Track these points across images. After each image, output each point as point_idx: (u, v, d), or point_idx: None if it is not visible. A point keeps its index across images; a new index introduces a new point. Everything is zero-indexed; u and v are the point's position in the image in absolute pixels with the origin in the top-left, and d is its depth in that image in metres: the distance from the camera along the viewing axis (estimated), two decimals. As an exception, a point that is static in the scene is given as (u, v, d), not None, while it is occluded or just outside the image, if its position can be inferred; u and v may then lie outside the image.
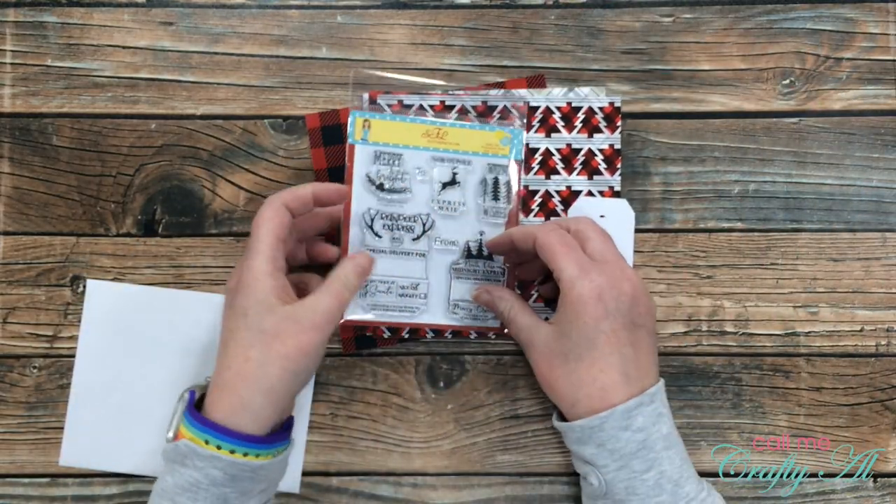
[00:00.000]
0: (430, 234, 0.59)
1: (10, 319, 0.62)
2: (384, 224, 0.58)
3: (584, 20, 0.63)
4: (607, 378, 0.52)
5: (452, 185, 0.59)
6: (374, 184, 0.58)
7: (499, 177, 0.60)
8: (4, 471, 0.61)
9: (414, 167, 0.59)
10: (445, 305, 0.59)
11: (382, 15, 0.63)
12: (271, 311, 0.50)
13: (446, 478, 0.61)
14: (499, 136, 0.60)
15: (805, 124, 0.62)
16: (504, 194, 0.60)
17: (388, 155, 0.59)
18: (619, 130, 0.61)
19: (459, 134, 0.59)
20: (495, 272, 0.60)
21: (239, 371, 0.50)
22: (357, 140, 0.58)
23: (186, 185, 0.62)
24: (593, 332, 0.51)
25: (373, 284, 0.58)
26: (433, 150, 0.59)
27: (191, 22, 0.63)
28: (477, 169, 0.60)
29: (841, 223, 0.62)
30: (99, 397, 0.61)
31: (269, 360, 0.49)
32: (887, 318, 0.61)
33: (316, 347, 0.50)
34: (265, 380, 0.49)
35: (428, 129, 0.59)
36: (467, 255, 0.59)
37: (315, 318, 0.50)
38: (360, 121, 0.58)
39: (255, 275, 0.50)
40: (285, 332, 0.49)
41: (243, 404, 0.49)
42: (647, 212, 0.62)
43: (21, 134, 0.62)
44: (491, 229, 0.60)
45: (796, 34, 0.63)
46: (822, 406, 0.61)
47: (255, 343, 0.50)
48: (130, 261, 0.62)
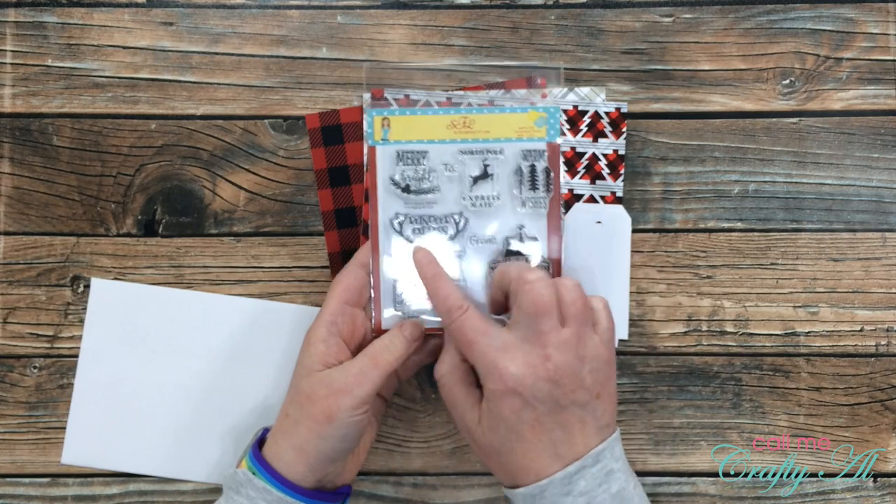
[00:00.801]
0: (464, 233, 0.56)
1: (10, 319, 0.62)
2: (414, 228, 0.56)
3: (584, 20, 0.63)
4: (540, 464, 0.49)
5: (484, 179, 0.56)
6: (399, 187, 0.56)
7: (535, 164, 0.56)
8: (5, 471, 0.61)
9: (441, 164, 0.55)
10: (485, 307, 0.56)
11: (382, 15, 0.63)
12: (310, 375, 0.52)
13: (446, 478, 0.61)
14: (532, 118, 0.55)
15: (805, 124, 0.62)
16: (543, 182, 0.56)
17: (411, 154, 0.55)
18: (623, 136, 0.61)
19: (488, 120, 0.56)
20: (539, 268, 0.56)
21: (280, 424, 0.53)
22: (377, 141, 0.55)
23: (186, 185, 0.62)
24: (517, 424, 0.48)
25: (407, 292, 0.56)
26: (460, 141, 0.56)
27: (191, 22, 0.63)
28: (510, 158, 0.56)
29: (841, 223, 0.62)
30: (102, 396, 0.61)
31: (300, 420, 0.52)
32: (887, 318, 0.61)
33: (344, 411, 0.50)
34: (296, 437, 0.52)
35: (453, 118, 0.56)
36: (507, 251, 0.56)
37: (346, 381, 0.51)
38: (379, 119, 0.55)
39: (311, 339, 0.53)
40: (316, 395, 0.51)
41: (279, 455, 0.52)
42: (647, 212, 0.62)
43: (21, 134, 0.62)
44: (531, 222, 0.56)
45: (796, 34, 0.63)
46: (822, 406, 0.61)
47: (293, 401, 0.53)
48: (131, 261, 0.62)
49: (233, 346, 0.61)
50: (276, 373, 0.61)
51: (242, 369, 0.61)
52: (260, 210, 0.62)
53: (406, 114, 0.56)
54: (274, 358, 0.61)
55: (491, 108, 0.56)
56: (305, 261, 0.62)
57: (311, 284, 0.62)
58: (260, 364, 0.61)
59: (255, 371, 0.61)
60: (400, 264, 0.56)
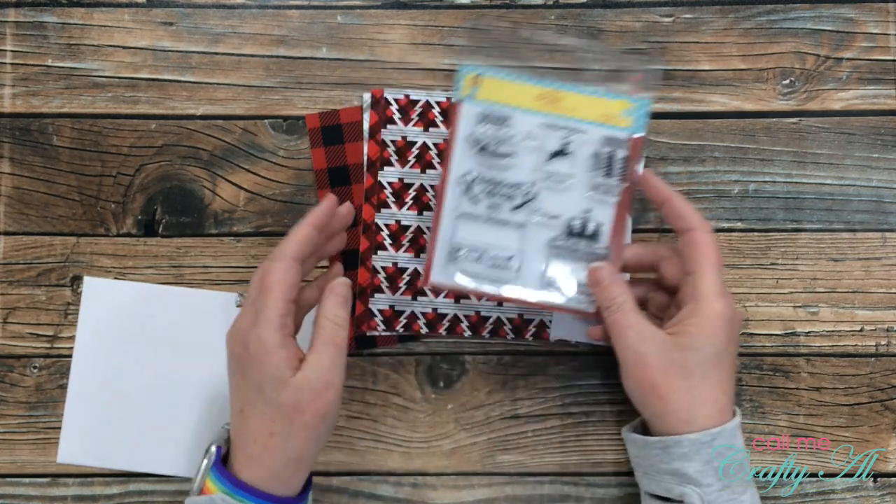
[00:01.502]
0: (531, 205, 0.55)
1: (10, 319, 0.62)
2: (483, 189, 0.55)
3: (584, 20, 0.63)
4: (726, 399, 0.51)
5: (562, 156, 0.55)
6: (478, 145, 0.55)
7: (615, 152, 0.55)
8: (4, 471, 0.61)
9: (522, 131, 0.55)
10: (538, 282, 0.55)
11: (382, 15, 0.63)
12: (285, 385, 0.48)
13: (446, 478, 0.61)
14: (621, 107, 0.55)
15: (805, 124, 0.62)
16: (619, 170, 0.55)
17: (496, 116, 0.55)
18: None
19: (577, 99, 0.55)
20: (598, 255, 0.55)
21: (266, 445, 0.49)
22: (464, 96, 0.55)
23: (186, 185, 0.62)
24: (724, 352, 0.51)
25: (464, 252, 0.55)
26: (545, 114, 0.55)
27: (191, 22, 0.63)
28: (592, 140, 0.55)
29: (841, 223, 0.62)
30: (96, 394, 0.61)
31: (292, 433, 0.49)
32: (887, 318, 0.61)
33: (333, 405, 0.50)
34: (292, 451, 0.49)
35: (543, 91, 0.55)
36: (569, 232, 0.55)
37: (325, 377, 0.49)
38: (471, 77, 0.54)
39: (267, 348, 0.49)
40: (304, 403, 0.49)
41: (273, 475, 0.50)
42: (647, 212, 0.62)
43: (21, 134, 0.62)
44: (599, 207, 0.55)
45: (796, 34, 0.63)
46: (822, 406, 0.61)
47: (276, 418, 0.49)
48: (131, 261, 0.62)
49: (233, 346, 0.61)
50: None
51: (242, 369, 0.61)
52: (260, 210, 0.62)
53: (499, 77, 0.55)
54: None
55: (582, 88, 0.55)
56: (305, 261, 0.62)
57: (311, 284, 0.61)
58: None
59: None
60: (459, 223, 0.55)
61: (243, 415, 0.50)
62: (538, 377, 0.61)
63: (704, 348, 0.50)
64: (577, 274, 0.55)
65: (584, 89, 0.55)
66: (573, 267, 0.55)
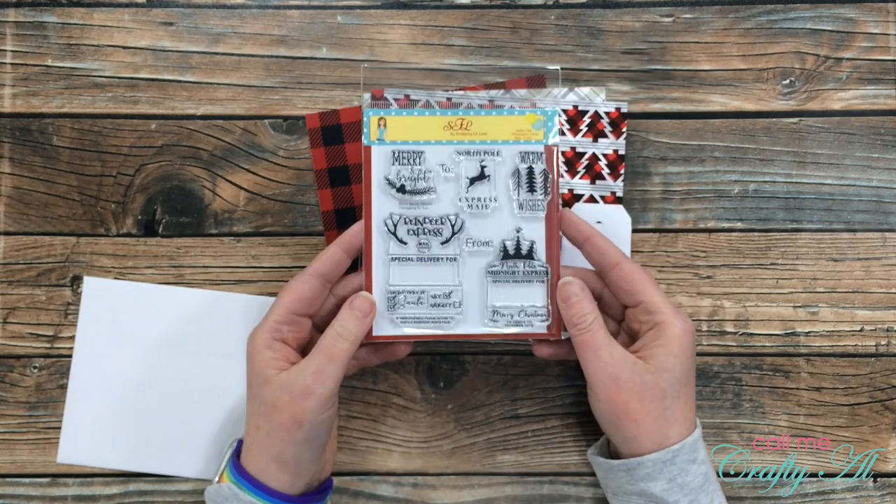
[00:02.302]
0: (459, 235, 0.55)
1: (10, 319, 0.62)
2: (409, 229, 0.54)
3: (584, 20, 0.63)
4: (692, 414, 0.52)
5: (481, 180, 0.55)
6: (394, 186, 0.54)
7: (533, 166, 0.55)
8: (5, 471, 0.61)
9: (437, 164, 0.55)
10: (482, 313, 0.55)
11: (382, 15, 0.63)
12: (267, 383, 0.51)
13: (446, 478, 0.61)
14: (530, 120, 0.55)
15: (805, 124, 0.62)
16: (540, 185, 0.54)
17: (407, 154, 0.54)
18: (623, 136, 0.61)
19: (485, 122, 0.55)
20: (537, 272, 0.55)
21: (254, 438, 0.52)
22: (373, 141, 0.55)
23: (186, 185, 0.62)
24: (690, 369, 0.52)
25: (402, 296, 0.54)
26: (457, 143, 0.55)
27: (191, 22, 0.63)
28: (507, 159, 0.55)
29: (841, 223, 0.62)
30: (96, 394, 0.61)
31: (272, 430, 0.51)
32: (887, 318, 0.61)
33: (312, 413, 0.50)
34: (272, 448, 0.51)
35: (450, 120, 0.55)
36: (504, 255, 0.55)
37: (306, 382, 0.50)
38: (375, 119, 0.54)
39: (256, 347, 0.52)
40: (280, 403, 0.50)
41: (260, 468, 0.51)
42: (647, 212, 0.62)
43: (21, 134, 0.62)
44: (529, 225, 0.55)
45: (796, 34, 0.63)
46: (822, 406, 0.61)
47: (260, 413, 0.51)
48: (131, 261, 0.62)
49: (227, 342, 0.61)
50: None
51: (237, 365, 0.61)
52: (260, 210, 0.62)
53: (403, 114, 0.55)
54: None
55: (488, 110, 0.55)
56: (305, 261, 0.62)
57: (311, 284, 0.61)
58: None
59: (255, 371, 0.61)
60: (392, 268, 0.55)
61: (246, 409, 0.53)
62: (538, 377, 0.61)
63: (675, 368, 0.51)
64: (521, 297, 0.55)
65: (490, 111, 0.55)
66: (515, 290, 0.55)
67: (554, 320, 0.55)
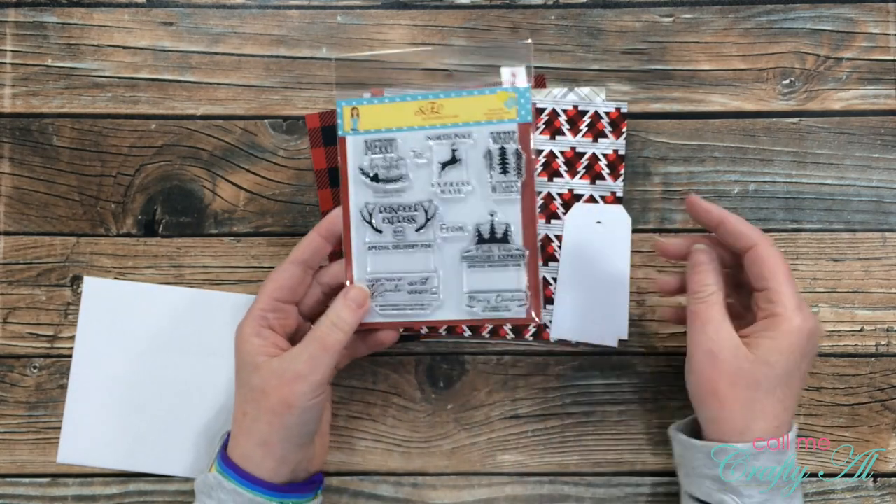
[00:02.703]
0: (434, 221, 0.54)
1: (10, 319, 0.62)
2: (384, 217, 0.54)
3: (584, 20, 0.63)
4: (786, 417, 0.50)
5: (453, 164, 0.54)
6: (368, 176, 0.54)
7: (505, 146, 0.53)
8: (4, 471, 0.61)
9: (409, 150, 0.54)
10: (460, 298, 0.54)
11: (382, 15, 0.63)
12: (257, 369, 0.51)
13: (446, 478, 0.61)
14: (502, 98, 0.53)
15: (805, 124, 0.62)
16: (514, 165, 0.53)
17: (379, 142, 0.54)
18: (623, 136, 0.61)
19: (457, 104, 0.54)
20: (514, 256, 0.54)
21: (240, 425, 0.52)
22: (347, 131, 0.54)
23: (186, 185, 0.62)
24: (795, 368, 0.50)
25: (380, 284, 0.54)
26: (429, 127, 0.54)
27: (191, 22, 0.63)
28: (479, 141, 0.54)
29: (841, 223, 0.62)
30: (96, 394, 0.61)
31: (259, 415, 0.51)
32: (887, 318, 0.61)
33: (302, 398, 0.50)
34: (258, 434, 0.51)
35: (421, 104, 0.54)
36: (479, 240, 0.54)
37: (298, 368, 0.50)
38: (348, 109, 0.54)
39: (243, 336, 0.53)
40: (269, 387, 0.51)
41: (245, 455, 0.52)
42: (647, 212, 0.62)
43: (21, 134, 0.62)
44: (504, 208, 0.54)
45: (796, 34, 0.63)
46: (822, 406, 0.61)
47: (248, 399, 0.52)
48: (130, 261, 0.62)
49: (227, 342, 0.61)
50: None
51: (242, 369, 0.61)
52: (260, 210, 0.62)
53: (374, 102, 0.54)
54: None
55: (458, 91, 0.54)
56: (305, 261, 0.62)
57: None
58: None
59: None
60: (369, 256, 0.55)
61: (234, 398, 0.54)
62: (538, 377, 0.61)
63: (777, 364, 0.49)
64: (498, 281, 0.54)
65: (460, 92, 0.54)
66: (492, 275, 0.54)
67: (532, 304, 0.54)
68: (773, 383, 0.49)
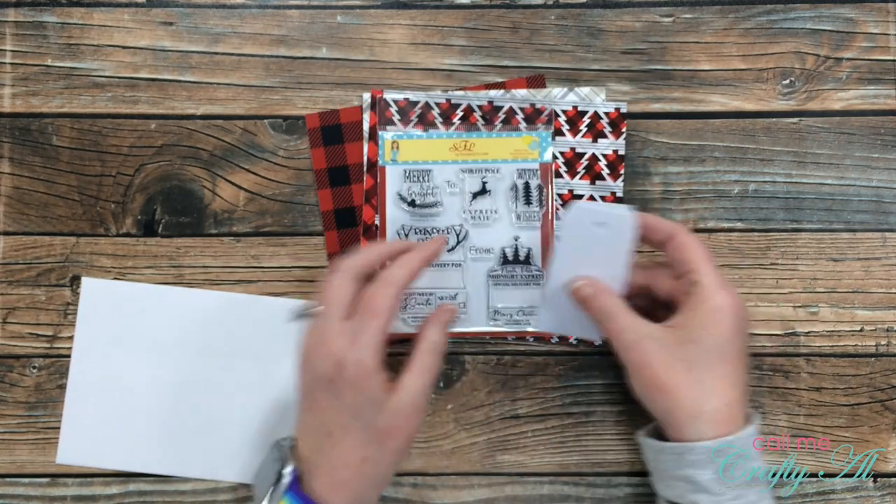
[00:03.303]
0: (464, 244, 0.60)
1: (10, 319, 0.62)
2: (418, 238, 0.60)
3: (584, 20, 0.63)
4: (735, 394, 0.50)
5: (483, 195, 0.60)
6: (405, 201, 0.60)
7: (529, 181, 0.60)
8: (4, 471, 0.61)
9: (443, 181, 0.60)
10: (486, 313, 0.60)
11: (382, 15, 0.63)
12: (382, 409, 0.48)
13: (446, 478, 0.61)
14: (527, 142, 0.61)
15: (805, 124, 0.62)
16: (536, 198, 0.60)
17: (417, 172, 0.60)
18: (623, 136, 0.61)
19: (487, 144, 0.61)
20: (534, 276, 0.60)
21: (357, 470, 0.49)
22: (387, 161, 0.61)
23: (186, 185, 0.62)
24: (727, 345, 0.50)
25: (412, 298, 0.60)
26: (461, 162, 0.61)
27: (191, 22, 0.63)
28: (506, 176, 0.60)
29: (841, 223, 0.62)
30: (96, 394, 0.61)
31: (383, 457, 0.49)
32: (887, 318, 0.61)
33: (418, 428, 0.50)
34: (381, 477, 0.50)
35: (455, 142, 0.61)
36: (503, 261, 0.60)
37: (417, 401, 0.50)
38: (389, 143, 0.60)
39: (368, 371, 0.48)
40: (396, 428, 0.49)
41: (358, 500, 0.49)
42: (647, 212, 0.62)
43: (21, 134, 0.62)
44: (526, 234, 0.60)
45: (796, 34, 0.63)
46: (822, 406, 0.61)
47: (371, 442, 0.49)
48: (130, 261, 0.62)
49: (226, 342, 0.61)
50: (268, 367, 0.61)
51: (235, 365, 0.61)
52: (260, 210, 0.62)
53: (413, 138, 0.61)
54: (267, 353, 0.61)
55: (489, 132, 0.61)
56: (305, 261, 0.62)
57: (311, 284, 0.61)
58: (253, 359, 0.61)
59: (249, 366, 0.61)
60: None
61: (332, 438, 0.49)
62: (538, 377, 0.61)
63: (704, 340, 0.50)
64: (520, 298, 0.60)
65: (490, 133, 0.61)
66: (514, 293, 0.60)
67: None
68: (708, 361, 0.50)
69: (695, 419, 0.50)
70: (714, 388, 0.50)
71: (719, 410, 0.50)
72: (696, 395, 0.50)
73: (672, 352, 0.50)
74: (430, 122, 0.61)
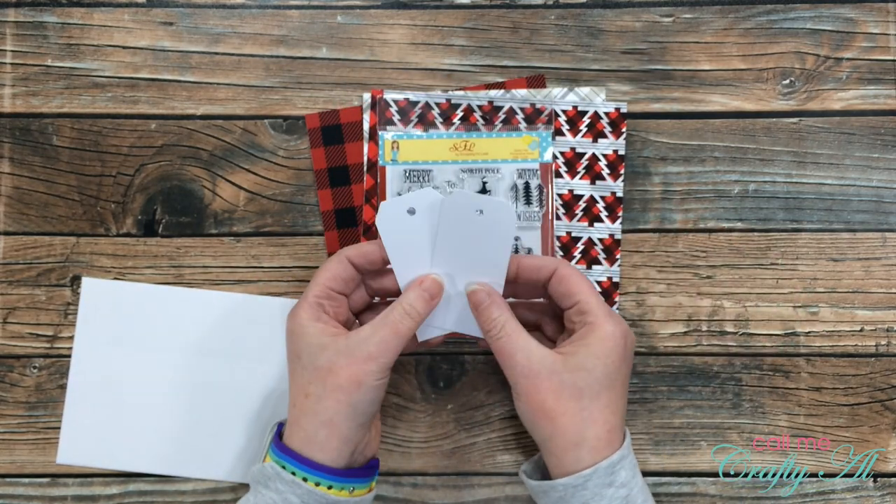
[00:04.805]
0: None
1: (10, 319, 0.62)
2: None
3: (584, 20, 0.63)
4: (615, 420, 0.51)
5: (483, 194, 0.59)
6: None
7: (529, 181, 0.60)
8: (4, 471, 0.61)
9: (443, 181, 0.60)
10: None
11: (382, 15, 0.63)
12: (323, 349, 0.51)
13: (446, 478, 0.61)
14: (527, 142, 0.60)
15: (805, 124, 0.62)
16: (536, 198, 0.60)
17: (417, 172, 0.60)
18: (623, 136, 0.61)
19: (487, 144, 0.61)
20: None
21: (301, 407, 0.51)
22: (387, 162, 0.60)
23: (186, 185, 0.62)
24: (615, 373, 0.50)
25: None
26: (461, 162, 0.60)
27: (191, 22, 0.63)
28: (506, 176, 0.60)
29: (841, 223, 0.62)
30: (96, 394, 0.61)
31: (325, 393, 0.50)
32: (887, 318, 0.61)
33: (371, 376, 0.50)
34: (324, 413, 0.50)
35: (455, 142, 0.61)
36: None
37: (369, 349, 0.50)
38: (389, 143, 0.60)
39: (300, 322, 0.52)
40: (338, 366, 0.50)
41: (308, 437, 0.51)
42: (647, 212, 0.62)
43: (21, 134, 0.62)
44: (526, 234, 0.60)
45: (796, 34, 0.63)
46: (822, 406, 0.61)
47: (312, 379, 0.51)
48: (130, 261, 0.62)
49: (226, 342, 0.61)
50: (268, 368, 0.61)
51: (235, 365, 0.61)
52: (260, 210, 0.62)
53: (413, 138, 0.60)
54: (267, 353, 0.61)
55: (489, 133, 0.61)
56: (305, 261, 0.62)
57: (311, 284, 0.61)
58: (253, 359, 0.61)
59: (249, 366, 0.61)
60: None
61: (290, 385, 0.53)
62: (538, 377, 0.61)
63: (596, 368, 0.50)
64: None
65: (490, 133, 0.61)
66: None
67: None
68: (595, 389, 0.50)
69: (577, 447, 0.50)
70: (596, 417, 0.50)
71: (600, 438, 0.50)
72: (580, 423, 0.50)
73: (562, 379, 0.50)
74: (430, 122, 0.61)
